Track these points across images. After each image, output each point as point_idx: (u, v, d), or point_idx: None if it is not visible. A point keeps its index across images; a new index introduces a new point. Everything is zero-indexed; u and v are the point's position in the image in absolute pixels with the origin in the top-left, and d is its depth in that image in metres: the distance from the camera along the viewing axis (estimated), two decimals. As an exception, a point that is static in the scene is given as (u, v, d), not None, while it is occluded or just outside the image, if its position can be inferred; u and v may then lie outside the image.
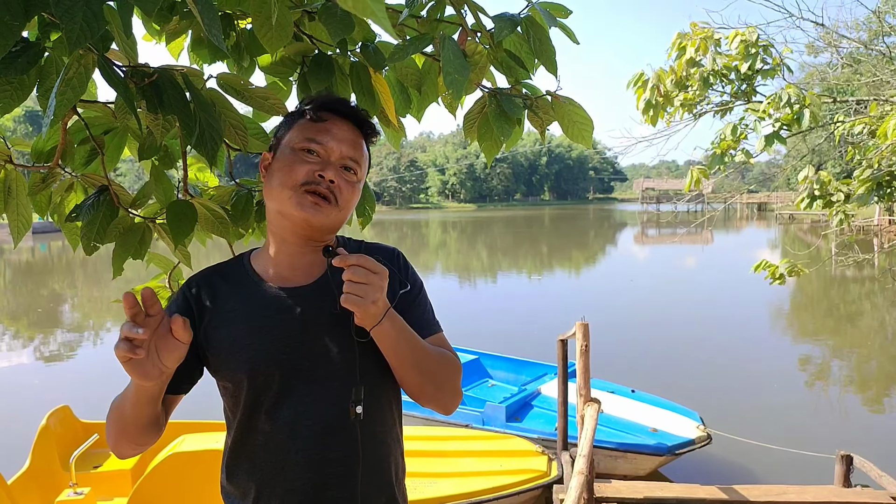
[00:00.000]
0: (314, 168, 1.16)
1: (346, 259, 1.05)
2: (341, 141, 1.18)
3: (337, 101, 1.23)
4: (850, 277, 17.51)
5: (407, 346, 1.15)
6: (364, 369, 1.18)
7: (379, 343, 1.13)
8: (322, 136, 1.18)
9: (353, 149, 1.20)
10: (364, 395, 1.16)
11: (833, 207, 4.70)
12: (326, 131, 1.18)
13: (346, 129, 1.20)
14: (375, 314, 1.08)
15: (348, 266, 1.05)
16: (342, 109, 1.21)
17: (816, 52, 8.77)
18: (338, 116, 1.20)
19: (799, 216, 40.09)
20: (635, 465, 5.30)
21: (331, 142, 1.18)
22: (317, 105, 1.21)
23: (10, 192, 1.39)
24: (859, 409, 7.89)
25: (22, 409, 7.17)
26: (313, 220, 1.15)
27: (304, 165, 1.16)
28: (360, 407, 1.15)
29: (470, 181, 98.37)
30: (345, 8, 0.56)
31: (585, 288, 17.96)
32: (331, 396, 1.16)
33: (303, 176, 1.15)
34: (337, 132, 1.19)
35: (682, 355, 9.82)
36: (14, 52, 1.01)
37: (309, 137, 1.18)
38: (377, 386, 1.21)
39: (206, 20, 0.90)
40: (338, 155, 1.18)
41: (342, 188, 1.18)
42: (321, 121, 1.19)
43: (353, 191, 1.21)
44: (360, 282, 1.05)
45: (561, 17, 1.39)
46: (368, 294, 1.05)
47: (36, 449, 4.24)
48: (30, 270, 25.13)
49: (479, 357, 7.49)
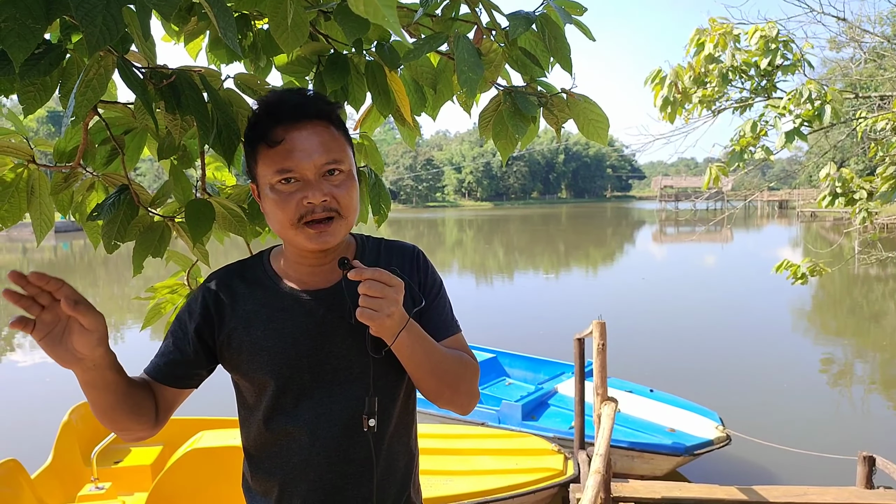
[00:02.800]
0: (300, 197, 1.10)
1: (362, 273, 1.04)
2: (310, 153, 1.11)
3: (286, 110, 1.12)
4: (873, 276, 17.22)
5: (423, 353, 1.14)
6: (379, 378, 1.18)
7: (396, 352, 1.13)
8: (289, 161, 1.10)
9: (324, 151, 1.12)
10: (378, 404, 1.17)
11: (856, 205, 4.62)
12: (289, 153, 1.10)
13: (308, 136, 1.11)
14: (391, 327, 1.06)
15: (364, 279, 1.04)
16: (292, 115, 1.12)
17: (838, 47, 8.61)
18: (293, 126, 1.11)
19: (821, 214, 39.48)
20: (653, 466, 5.26)
21: (300, 161, 1.10)
22: (266, 126, 1.12)
23: (33, 192, 1.41)
24: (883, 411, 7.76)
25: (45, 405, 7.30)
26: (325, 246, 1.14)
27: (290, 200, 1.11)
28: (374, 420, 1.15)
29: (486, 179, 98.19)
30: (356, 12, 0.56)
31: (603, 286, 17.84)
32: (350, 399, 1.17)
33: (294, 212, 1.11)
34: (300, 145, 1.10)
35: (701, 355, 9.72)
36: (37, 54, 1.03)
37: (278, 169, 1.11)
38: (392, 390, 1.21)
39: (221, 23, 0.91)
40: (314, 169, 1.11)
41: (337, 196, 1.12)
42: (279, 143, 1.10)
43: (349, 189, 1.15)
44: (375, 296, 1.04)
45: (576, 14, 1.38)
46: (383, 308, 1.04)
47: (58, 444, 4.31)
48: (52, 269, 25.53)
49: (496, 355, 7.48)
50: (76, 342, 0.97)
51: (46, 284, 0.94)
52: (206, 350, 1.21)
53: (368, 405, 1.15)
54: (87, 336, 0.97)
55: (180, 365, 1.20)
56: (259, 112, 1.15)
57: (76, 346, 0.97)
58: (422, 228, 45.28)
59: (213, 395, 2.11)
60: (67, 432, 4.38)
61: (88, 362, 1.00)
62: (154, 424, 1.18)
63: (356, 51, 1.46)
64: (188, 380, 1.22)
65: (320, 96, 1.18)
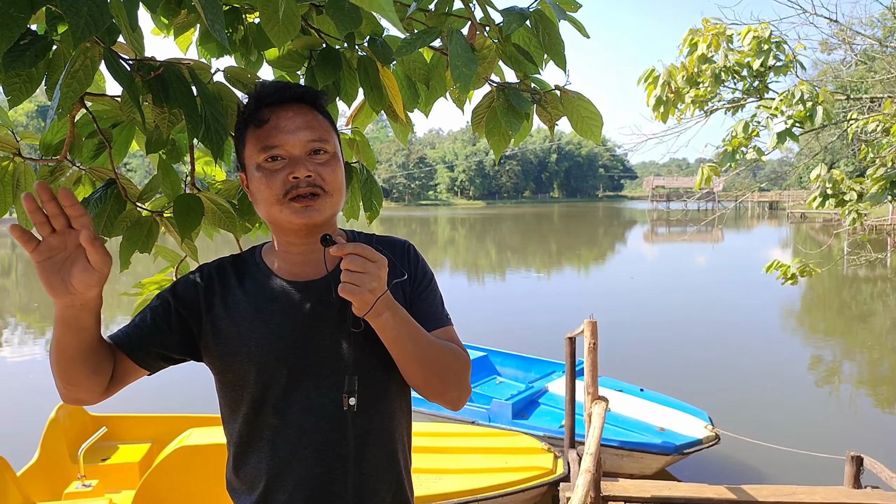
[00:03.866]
0: (285, 173, 1.12)
1: (344, 248, 1.04)
2: (295, 131, 1.13)
3: (270, 90, 1.16)
4: (862, 277, 17.35)
5: (409, 337, 1.13)
6: (364, 362, 1.17)
7: (380, 334, 1.11)
8: (274, 138, 1.12)
9: (310, 130, 1.14)
10: (367, 389, 1.15)
11: (846, 206, 4.64)
12: (276, 130, 1.13)
13: (293, 116, 1.14)
14: (372, 302, 1.05)
15: (346, 255, 1.04)
16: (279, 96, 1.15)
17: (830, 49, 8.67)
18: (279, 106, 1.14)
19: (811, 215, 39.75)
20: (642, 464, 5.28)
21: (285, 138, 1.12)
22: (253, 107, 1.16)
23: (18, 185, 1.39)
24: (870, 410, 7.82)
25: (32, 402, 7.23)
26: (311, 221, 1.14)
27: (276, 177, 1.12)
28: (354, 399, 1.12)
29: (479, 178, 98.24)
30: (352, 2, 0.55)
31: (594, 286, 17.89)
32: (338, 392, 1.15)
33: (280, 187, 1.12)
34: (286, 124, 1.13)
35: (691, 354, 9.76)
36: (22, 44, 1.01)
37: (264, 146, 1.13)
38: (382, 381, 1.20)
39: (209, 16, 0.89)
40: (299, 146, 1.13)
41: (322, 174, 1.13)
42: (265, 122, 1.13)
43: (334, 168, 1.16)
44: (357, 270, 1.03)
45: (570, 10, 1.37)
46: (365, 282, 1.03)
47: (45, 441, 4.27)
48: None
49: (487, 354, 7.48)
50: (76, 277, 0.95)
51: (70, 207, 0.93)
52: (183, 332, 1.19)
53: (348, 383, 1.13)
54: (90, 274, 0.95)
55: (149, 340, 1.17)
56: (248, 101, 1.18)
57: (74, 281, 0.95)
58: (414, 226, 45.25)
59: (202, 393, 2.10)
60: (54, 429, 4.34)
61: (77, 300, 0.98)
62: (103, 391, 1.15)
63: (348, 45, 1.45)
64: (150, 358, 1.18)
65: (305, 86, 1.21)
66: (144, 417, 4.82)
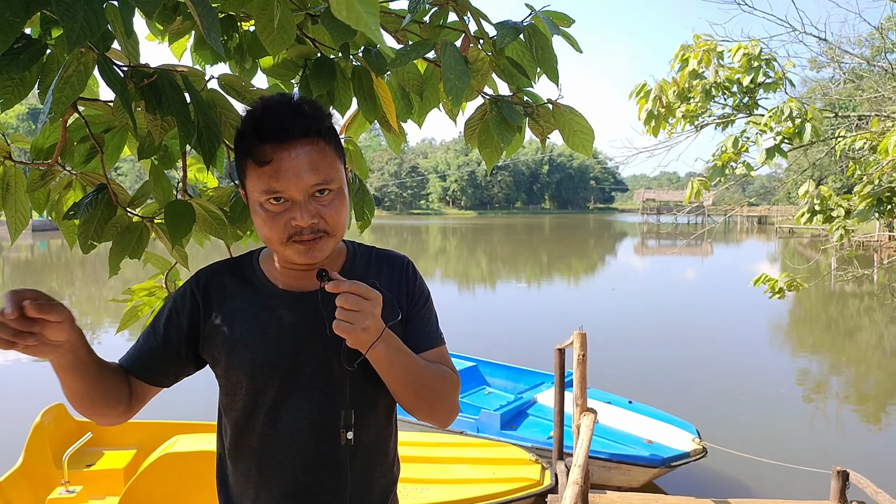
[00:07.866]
0: (288, 218, 1.09)
1: (340, 285, 1.04)
2: (298, 175, 1.07)
3: (273, 127, 1.07)
4: (849, 292, 17.49)
5: (401, 366, 1.14)
6: (357, 389, 1.18)
7: (373, 364, 1.13)
8: (276, 183, 1.07)
9: (314, 173, 1.08)
10: (356, 415, 1.17)
11: (833, 222, 4.69)
12: (278, 173, 1.07)
13: (296, 156, 1.08)
14: (367, 340, 1.06)
15: (341, 292, 1.04)
16: (280, 135, 1.07)
17: (819, 66, 8.80)
18: (280, 146, 1.07)
19: (799, 230, 40.09)
20: (630, 477, 5.28)
21: (288, 183, 1.07)
22: (253, 143, 1.08)
23: (8, 189, 1.38)
24: (856, 425, 7.87)
25: (16, 407, 7.14)
26: (314, 261, 1.14)
27: (279, 220, 1.10)
28: (351, 433, 1.16)
29: (471, 188, 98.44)
30: (339, 18, 0.56)
31: (584, 297, 17.93)
32: (329, 403, 1.16)
33: (282, 231, 1.10)
34: (289, 167, 1.07)
35: (679, 368, 9.79)
36: (16, 48, 1.01)
37: (265, 189, 1.08)
38: (371, 400, 1.21)
39: (205, 23, 0.90)
40: (302, 191, 1.08)
41: (325, 216, 1.11)
42: (266, 163, 1.07)
43: (338, 208, 1.13)
44: (351, 309, 1.04)
45: (564, 25, 1.39)
46: (359, 321, 1.04)
47: (29, 446, 4.22)
48: (29, 268, 25.09)
49: (476, 364, 7.47)
50: (50, 335, 0.96)
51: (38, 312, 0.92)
52: (191, 342, 1.20)
53: (345, 419, 1.16)
54: (59, 326, 0.96)
55: (160, 360, 1.20)
56: (245, 126, 1.11)
57: (51, 338, 0.97)
58: (405, 235, 45.21)
59: (188, 400, 2.09)
60: (39, 434, 4.29)
61: (66, 346, 1.00)
62: (127, 409, 1.18)
63: (343, 55, 1.46)
64: (164, 378, 1.21)
65: (310, 108, 1.11)
66: (130, 424, 4.76)
